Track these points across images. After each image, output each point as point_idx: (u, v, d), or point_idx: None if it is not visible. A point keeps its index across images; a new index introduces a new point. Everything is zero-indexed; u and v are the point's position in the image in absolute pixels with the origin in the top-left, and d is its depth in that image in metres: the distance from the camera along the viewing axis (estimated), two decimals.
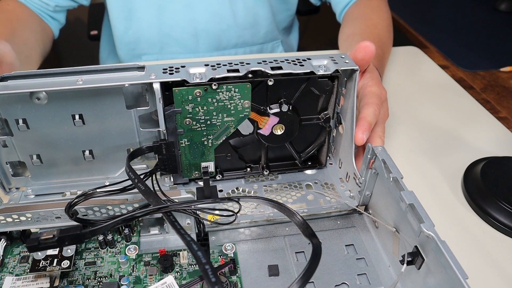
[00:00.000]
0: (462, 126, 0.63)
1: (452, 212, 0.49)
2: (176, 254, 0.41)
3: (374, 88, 0.48)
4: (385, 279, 0.40)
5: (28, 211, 0.39)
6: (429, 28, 1.00)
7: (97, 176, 0.46)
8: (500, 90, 0.76)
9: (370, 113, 0.45)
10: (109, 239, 0.41)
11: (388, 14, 0.76)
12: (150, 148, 0.42)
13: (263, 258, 0.41)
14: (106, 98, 0.40)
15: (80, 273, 0.40)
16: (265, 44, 0.90)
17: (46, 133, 0.41)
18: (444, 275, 0.31)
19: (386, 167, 0.39)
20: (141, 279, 0.39)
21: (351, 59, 0.43)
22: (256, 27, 0.86)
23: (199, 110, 0.42)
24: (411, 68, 0.78)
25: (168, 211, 0.35)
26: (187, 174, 0.47)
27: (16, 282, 0.38)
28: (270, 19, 0.86)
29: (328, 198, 0.47)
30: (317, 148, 0.49)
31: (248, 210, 0.45)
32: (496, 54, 0.88)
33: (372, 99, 0.47)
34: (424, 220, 0.33)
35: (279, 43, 0.93)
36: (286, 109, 0.44)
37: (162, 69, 0.40)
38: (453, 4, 1.13)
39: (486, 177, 0.50)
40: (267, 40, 0.90)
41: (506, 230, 0.46)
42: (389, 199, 0.40)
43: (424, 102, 0.68)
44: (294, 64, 0.42)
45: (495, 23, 1.03)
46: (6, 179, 0.44)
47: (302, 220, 0.34)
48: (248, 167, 0.49)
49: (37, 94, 0.38)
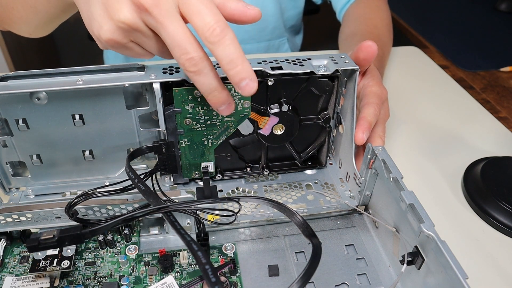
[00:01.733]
0: (462, 126, 0.63)
1: (452, 212, 0.49)
2: (176, 254, 0.41)
3: (375, 88, 0.48)
4: (385, 279, 0.40)
5: (28, 211, 0.39)
6: (429, 28, 1.00)
7: (97, 176, 0.46)
8: (500, 90, 0.76)
9: (371, 113, 0.45)
10: (109, 239, 0.41)
11: (388, 13, 0.76)
12: (150, 148, 0.42)
13: (263, 258, 0.41)
14: (106, 98, 0.40)
15: (80, 273, 0.40)
16: (271, 41, 0.90)
17: (46, 133, 0.41)
18: (444, 275, 0.31)
19: (386, 167, 0.39)
20: (141, 279, 0.39)
21: (351, 59, 0.43)
22: (264, 22, 0.85)
23: (199, 110, 0.42)
24: (411, 68, 0.78)
25: (168, 211, 0.35)
26: (187, 174, 0.47)
27: (16, 282, 0.38)
28: (278, 15, 0.86)
29: (328, 198, 0.47)
30: (317, 148, 0.49)
31: (248, 210, 0.45)
32: (496, 54, 0.88)
33: (372, 99, 0.47)
34: (424, 220, 0.33)
35: (285, 41, 0.93)
36: (286, 109, 0.44)
37: (162, 69, 0.40)
38: (453, 4, 1.13)
39: (486, 177, 0.50)
40: (273, 37, 0.89)
41: (506, 230, 0.46)
42: (389, 199, 0.40)
43: (424, 102, 0.69)
44: (294, 64, 0.42)
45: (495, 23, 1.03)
46: (6, 179, 0.44)
47: (302, 220, 0.34)
48: (248, 167, 0.49)
49: (37, 94, 0.38)
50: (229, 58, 0.32)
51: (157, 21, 0.32)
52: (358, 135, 0.43)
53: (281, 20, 0.88)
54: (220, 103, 0.36)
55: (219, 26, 0.31)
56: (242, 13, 0.34)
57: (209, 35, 0.31)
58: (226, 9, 0.34)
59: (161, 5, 0.31)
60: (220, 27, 0.31)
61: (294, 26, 0.95)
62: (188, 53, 0.32)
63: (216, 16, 0.31)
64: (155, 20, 0.32)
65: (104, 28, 0.33)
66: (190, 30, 0.33)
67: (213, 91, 0.34)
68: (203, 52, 0.33)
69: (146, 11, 0.31)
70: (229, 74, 0.32)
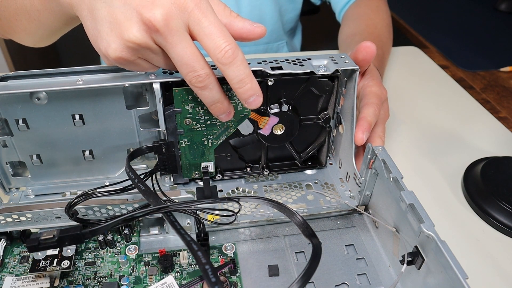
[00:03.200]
0: (462, 126, 0.63)
1: (452, 212, 0.49)
2: (176, 254, 0.41)
3: (375, 88, 0.48)
4: (385, 279, 0.40)
5: (28, 211, 0.39)
6: (429, 28, 1.00)
7: (97, 176, 0.46)
8: (500, 90, 0.76)
9: (370, 113, 0.45)
10: (109, 239, 0.41)
11: (387, 14, 0.76)
12: (150, 148, 0.42)
13: (263, 258, 0.41)
14: (106, 98, 0.40)
15: (80, 273, 0.40)
16: (270, 44, 0.90)
17: (46, 133, 0.41)
18: (444, 275, 0.31)
19: (386, 167, 0.39)
20: (141, 279, 0.39)
21: (351, 59, 0.43)
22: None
23: (199, 110, 0.42)
24: (411, 68, 0.78)
25: (168, 211, 0.35)
26: (187, 174, 0.47)
27: (16, 282, 0.38)
28: (276, 17, 0.86)
29: (328, 198, 0.47)
30: (317, 148, 0.49)
31: (248, 210, 0.45)
32: (496, 54, 0.88)
33: (372, 99, 0.47)
34: (424, 220, 0.33)
35: (284, 44, 0.93)
36: (286, 109, 0.44)
37: (162, 69, 0.40)
38: (453, 4, 1.13)
39: (486, 177, 0.50)
40: (272, 40, 0.89)
41: (506, 230, 0.46)
42: (389, 199, 0.40)
43: (424, 102, 0.68)
44: (294, 64, 0.42)
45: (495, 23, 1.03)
46: (6, 179, 0.44)
47: (302, 220, 0.34)
48: (248, 167, 0.49)
49: (37, 94, 0.38)
50: (239, 78, 0.33)
51: (167, 41, 0.32)
52: (358, 136, 0.43)
53: (280, 23, 0.88)
54: (221, 112, 0.37)
55: (231, 49, 0.32)
56: (249, 31, 0.35)
57: (221, 57, 0.32)
58: (233, 27, 0.35)
59: (171, 25, 0.31)
60: (232, 49, 0.32)
61: (292, 29, 0.95)
62: (196, 71, 0.33)
63: (227, 38, 0.32)
64: (165, 40, 0.32)
65: (112, 47, 0.33)
66: (198, 49, 0.33)
67: (216, 102, 0.36)
68: (210, 69, 0.34)
69: (157, 32, 0.32)
70: (238, 92, 0.34)
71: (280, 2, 0.85)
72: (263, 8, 0.84)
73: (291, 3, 0.88)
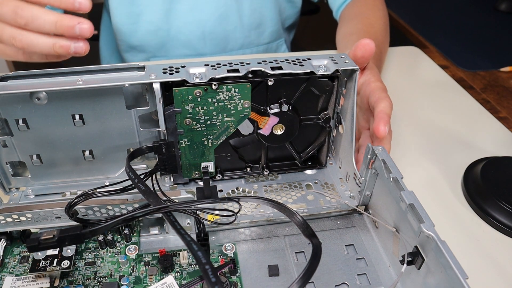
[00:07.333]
0: (462, 126, 0.63)
1: (452, 212, 0.49)
2: (176, 254, 0.41)
3: (379, 83, 0.48)
4: (385, 279, 0.40)
5: (28, 211, 0.39)
6: (429, 28, 1.00)
7: (97, 176, 0.46)
8: (500, 90, 0.76)
9: (387, 105, 0.45)
10: (109, 239, 0.41)
11: (384, 12, 0.76)
12: (150, 148, 0.42)
13: (263, 258, 0.41)
14: (106, 98, 0.40)
15: (80, 273, 0.40)
16: (270, 44, 0.90)
17: (46, 133, 0.41)
18: (444, 275, 0.31)
19: (386, 167, 0.39)
20: (141, 279, 0.39)
21: (351, 59, 0.43)
22: (262, 27, 0.86)
23: (199, 110, 0.42)
24: (411, 68, 0.78)
25: (168, 211, 0.35)
26: (187, 174, 0.47)
27: (16, 282, 0.38)
28: (276, 18, 0.86)
29: (328, 198, 0.47)
30: (317, 148, 0.49)
31: (248, 210, 0.45)
32: (496, 54, 0.88)
33: (383, 93, 0.47)
34: (424, 220, 0.33)
35: (282, 42, 0.93)
36: (286, 109, 0.44)
37: (162, 69, 0.40)
38: (453, 4, 1.13)
39: (486, 177, 0.50)
40: (272, 40, 0.90)
41: (506, 230, 0.46)
42: (389, 199, 0.40)
43: (424, 102, 0.69)
44: (294, 64, 0.42)
45: (495, 23, 1.03)
46: (6, 179, 0.44)
47: (302, 220, 0.34)
48: (248, 167, 0.49)
49: (37, 94, 0.38)
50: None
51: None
52: (380, 128, 0.43)
53: (279, 22, 0.88)
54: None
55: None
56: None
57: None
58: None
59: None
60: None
61: (291, 25, 0.95)
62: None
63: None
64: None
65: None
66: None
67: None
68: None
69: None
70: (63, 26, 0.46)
71: (280, 2, 0.86)
72: (263, 11, 0.84)
73: (290, 0, 0.89)
